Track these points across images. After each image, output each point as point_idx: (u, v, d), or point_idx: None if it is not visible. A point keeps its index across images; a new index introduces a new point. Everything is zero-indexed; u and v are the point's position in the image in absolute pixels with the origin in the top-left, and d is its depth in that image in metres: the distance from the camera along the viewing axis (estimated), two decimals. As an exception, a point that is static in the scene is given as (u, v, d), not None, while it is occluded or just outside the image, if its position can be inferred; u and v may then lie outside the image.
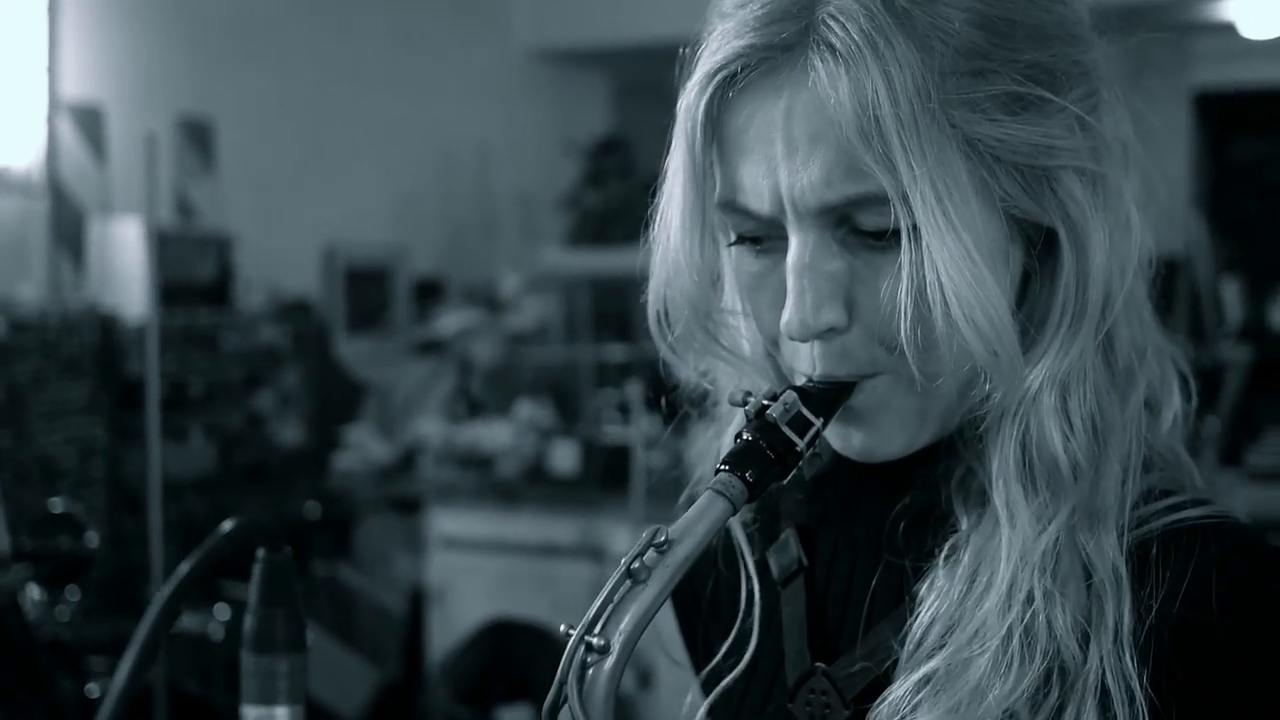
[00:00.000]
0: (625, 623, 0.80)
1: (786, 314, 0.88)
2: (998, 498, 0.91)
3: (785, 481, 0.91)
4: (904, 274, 0.85)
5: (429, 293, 6.23)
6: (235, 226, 5.14)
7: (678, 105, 0.94)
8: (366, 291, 6.02)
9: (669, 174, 0.94)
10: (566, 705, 0.81)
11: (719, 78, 0.88)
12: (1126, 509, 0.91)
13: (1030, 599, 0.88)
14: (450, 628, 4.78)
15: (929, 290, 0.85)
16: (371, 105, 6.08)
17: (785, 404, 0.88)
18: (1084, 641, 0.88)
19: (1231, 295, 5.65)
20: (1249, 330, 5.65)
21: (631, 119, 7.59)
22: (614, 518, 4.60)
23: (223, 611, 4.22)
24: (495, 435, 5.03)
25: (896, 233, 0.86)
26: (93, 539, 3.73)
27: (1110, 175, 0.91)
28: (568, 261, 4.67)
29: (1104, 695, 0.87)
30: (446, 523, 4.88)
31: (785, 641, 1.01)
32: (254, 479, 4.99)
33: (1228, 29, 6.44)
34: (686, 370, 1.07)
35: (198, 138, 5.26)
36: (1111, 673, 0.87)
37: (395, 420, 5.47)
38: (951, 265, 0.84)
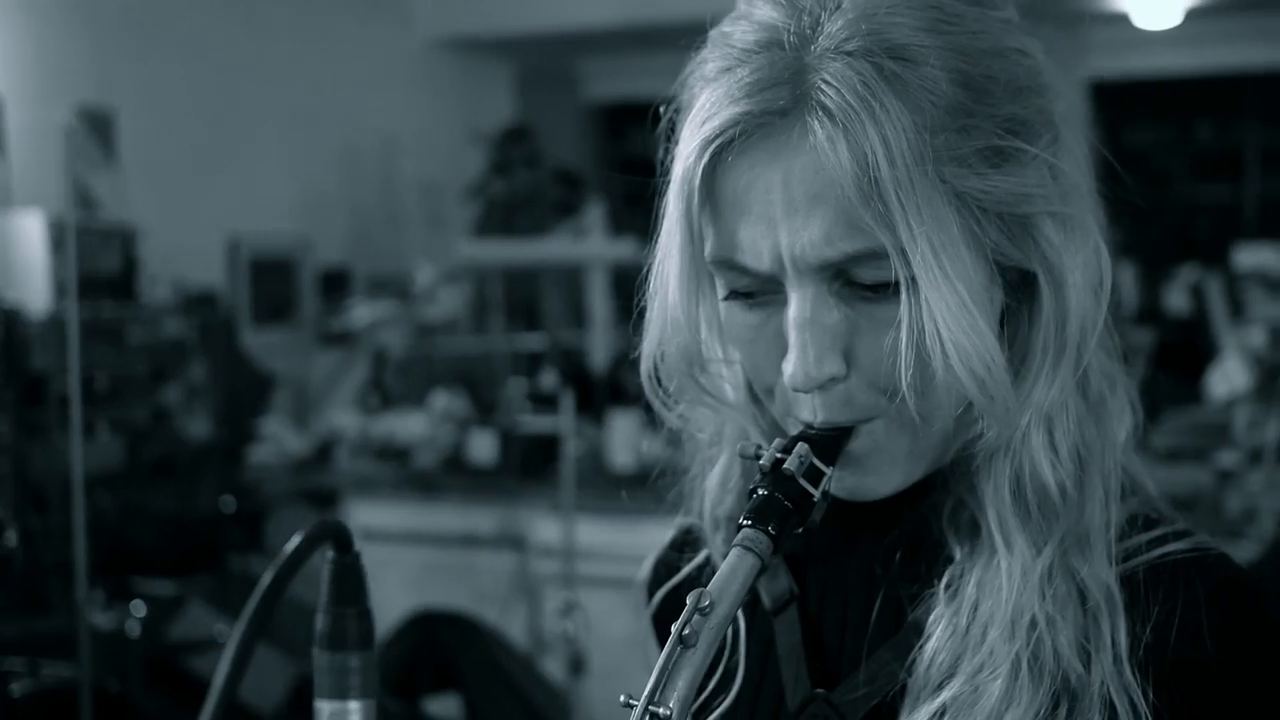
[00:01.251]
0: (681, 688, 0.84)
1: (790, 367, 0.92)
2: (994, 527, 0.96)
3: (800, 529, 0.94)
4: (904, 325, 0.89)
5: (335, 283, 6.20)
6: (138, 219, 5.07)
7: (671, 167, 0.96)
8: (272, 283, 5.97)
9: (664, 233, 0.97)
10: None
11: (716, 144, 0.91)
12: (1111, 531, 0.97)
13: (1034, 624, 0.93)
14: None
15: (928, 339, 0.89)
16: (275, 95, 6.02)
17: (799, 456, 0.91)
18: (1086, 661, 0.93)
19: (1127, 280, 5.79)
20: (1146, 314, 5.81)
21: (535, 107, 7.60)
22: (534, 507, 4.62)
23: (139, 608, 4.19)
24: (410, 426, 5.02)
25: (891, 284, 0.90)
26: (11, 538, 3.67)
27: (1079, 215, 0.96)
28: (485, 251, 4.66)
29: (1109, 712, 0.92)
30: (364, 514, 4.86)
31: (783, 669, 1.04)
32: (162, 474, 4.93)
33: (1121, 19, 6.60)
34: (671, 420, 1.09)
35: (98, 129, 5.18)
36: (1115, 689, 0.92)
37: (308, 412, 5.44)
38: (949, 315, 0.88)
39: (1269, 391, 3.76)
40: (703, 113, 0.92)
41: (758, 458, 0.93)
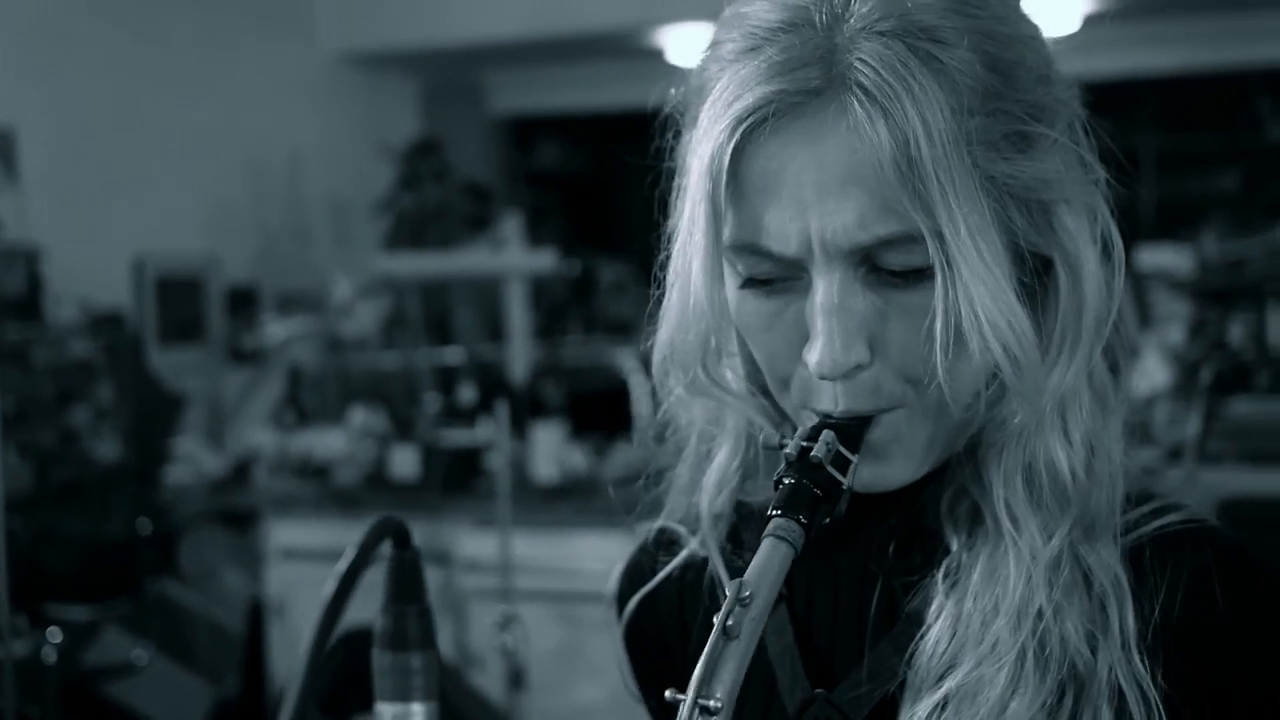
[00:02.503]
0: (728, 680, 0.83)
1: (817, 354, 0.90)
2: (1002, 515, 0.96)
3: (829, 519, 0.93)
4: (939, 308, 0.89)
5: (243, 301, 6.12)
6: (42, 238, 4.98)
7: (689, 152, 0.95)
8: (179, 302, 5.88)
9: (686, 218, 0.95)
10: None
11: (747, 124, 0.89)
12: (1117, 516, 0.97)
13: (1040, 614, 0.93)
14: (293, 641, 4.71)
15: (964, 321, 0.88)
16: (178, 111, 5.94)
17: (827, 443, 0.90)
18: (1093, 648, 0.93)
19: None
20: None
21: (441, 121, 7.56)
22: (458, 521, 4.60)
23: (55, 635, 4.11)
24: (329, 443, 4.97)
25: (918, 270, 0.90)
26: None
27: (1094, 204, 0.97)
28: (403, 265, 4.63)
29: (1117, 698, 0.93)
30: (285, 534, 4.80)
31: (777, 671, 1.03)
32: (72, 496, 4.84)
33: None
34: (682, 413, 1.08)
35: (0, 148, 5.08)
36: (1123, 675, 0.93)
37: (223, 431, 5.36)
38: (987, 296, 0.88)
39: (1188, 389, 3.83)
40: (729, 93, 0.91)
41: (781, 447, 0.92)
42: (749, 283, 0.94)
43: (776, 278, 0.93)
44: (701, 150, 0.91)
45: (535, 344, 5.01)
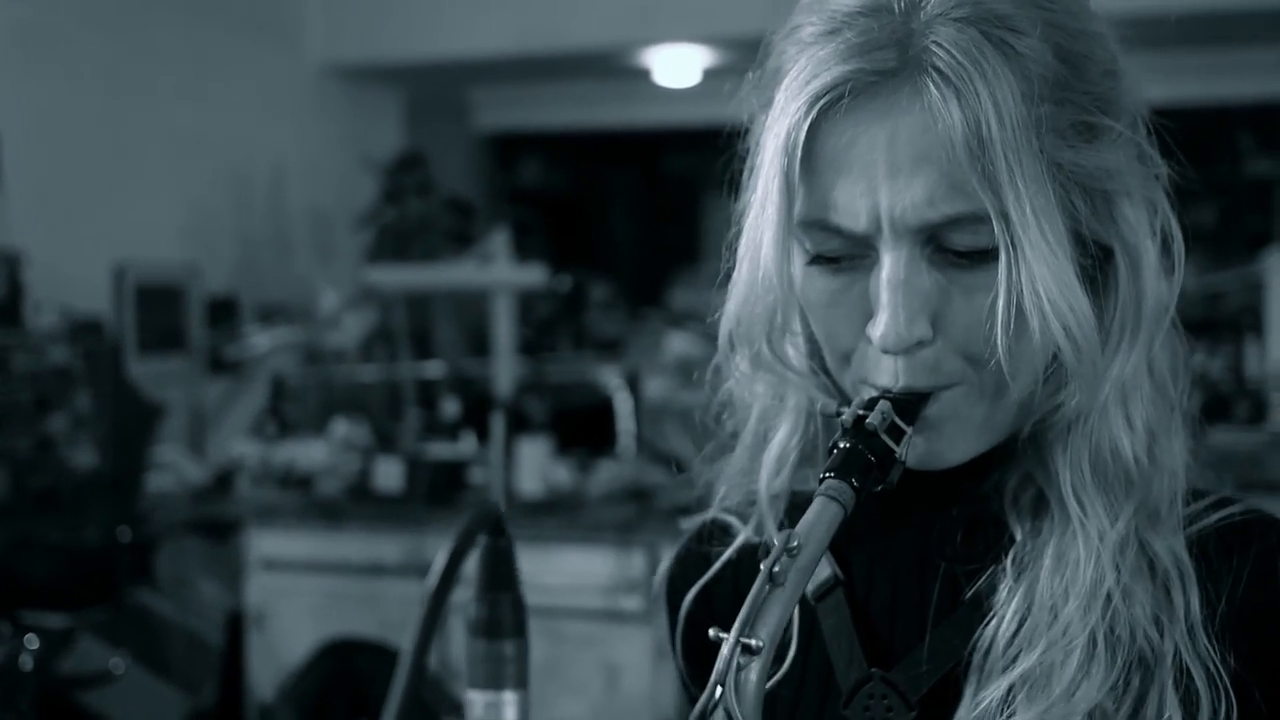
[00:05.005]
0: (771, 622, 0.85)
1: (881, 327, 0.92)
2: (1069, 500, 0.97)
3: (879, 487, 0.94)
4: (1002, 287, 0.91)
5: (223, 311, 6.09)
6: (24, 244, 4.95)
7: (764, 130, 0.97)
8: (159, 311, 5.85)
9: (759, 193, 0.97)
10: (721, 706, 0.84)
11: (824, 101, 0.92)
12: (1178, 502, 0.99)
13: (1109, 598, 0.95)
14: (272, 652, 4.68)
15: (1026, 301, 0.91)
16: (163, 120, 5.92)
17: (882, 413, 0.92)
18: (1160, 631, 0.95)
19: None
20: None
21: (425, 136, 7.55)
22: (441, 535, 4.57)
23: (32, 641, 4.07)
24: (311, 454, 4.95)
25: (983, 251, 0.92)
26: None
27: (1155, 198, 0.99)
28: (391, 277, 4.62)
29: (1185, 680, 0.94)
30: (266, 544, 4.77)
31: (832, 652, 1.04)
32: (48, 504, 4.80)
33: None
34: (745, 390, 1.10)
35: (-18, 152, 5.05)
36: (1190, 658, 0.95)
37: (204, 441, 5.33)
38: (1050, 277, 0.90)
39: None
40: (806, 72, 0.93)
41: (839, 415, 0.94)
42: (816, 260, 0.97)
43: (844, 255, 0.95)
44: (777, 128, 0.94)
45: (520, 359, 5.00)
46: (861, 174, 0.92)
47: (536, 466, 4.65)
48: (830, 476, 0.90)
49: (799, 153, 0.92)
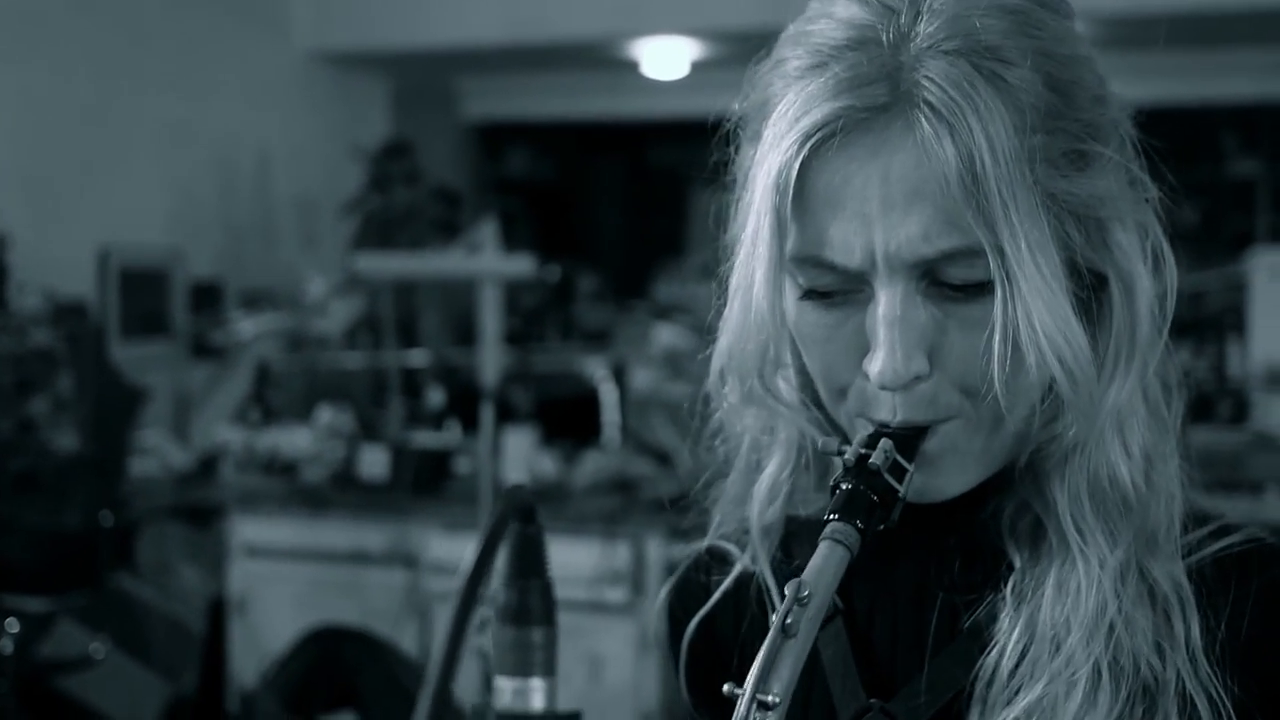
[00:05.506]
0: (785, 676, 0.84)
1: (879, 364, 0.91)
2: (1069, 529, 0.96)
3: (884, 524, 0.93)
4: (998, 322, 0.90)
5: (207, 297, 6.08)
6: (9, 226, 4.93)
7: (754, 164, 0.96)
8: (143, 295, 5.84)
9: (750, 229, 0.95)
10: None
11: (816, 139, 0.91)
12: (1176, 528, 0.98)
13: (1112, 627, 0.94)
14: (254, 639, 4.67)
15: (1022, 335, 0.89)
16: (149, 105, 5.90)
17: (885, 451, 0.92)
18: (1162, 659, 0.95)
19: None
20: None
21: (412, 124, 7.54)
22: (425, 524, 4.58)
23: (12, 625, 4.06)
24: (296, 441, 4.94)
25: (979, 284, 0.91)
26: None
27: (1147, 222, 0.98)
28: (380, 265, 4.61)
29: (1189, 709, 0.94)
30: (249, 530, 4.76)
31: (831, 683, 1.04)
32: (28, 486, 4.78)
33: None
34: (735, 422, 1.09)
35: (-32, 134, 5.03)
36: (1193, 685, 0.94)
37: (188, 426, 5.31)
38: (1045, 311, 0.89)
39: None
40: (796, 108, 0.92)
41: (840, 454, 0.93)
42: (809, 294, 0.96)
43: (838, 290, 0.94)
44: (768, 164, 0.92)
45: (506, 349, 5.00)
46: (855, 211, 0.91)
47: (521, 457, 4.64)
48: (835, 519, 0.90)
49: (791, 190, 0.91)
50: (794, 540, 1.10)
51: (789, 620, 0.85)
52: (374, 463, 4.70)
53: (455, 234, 5.86)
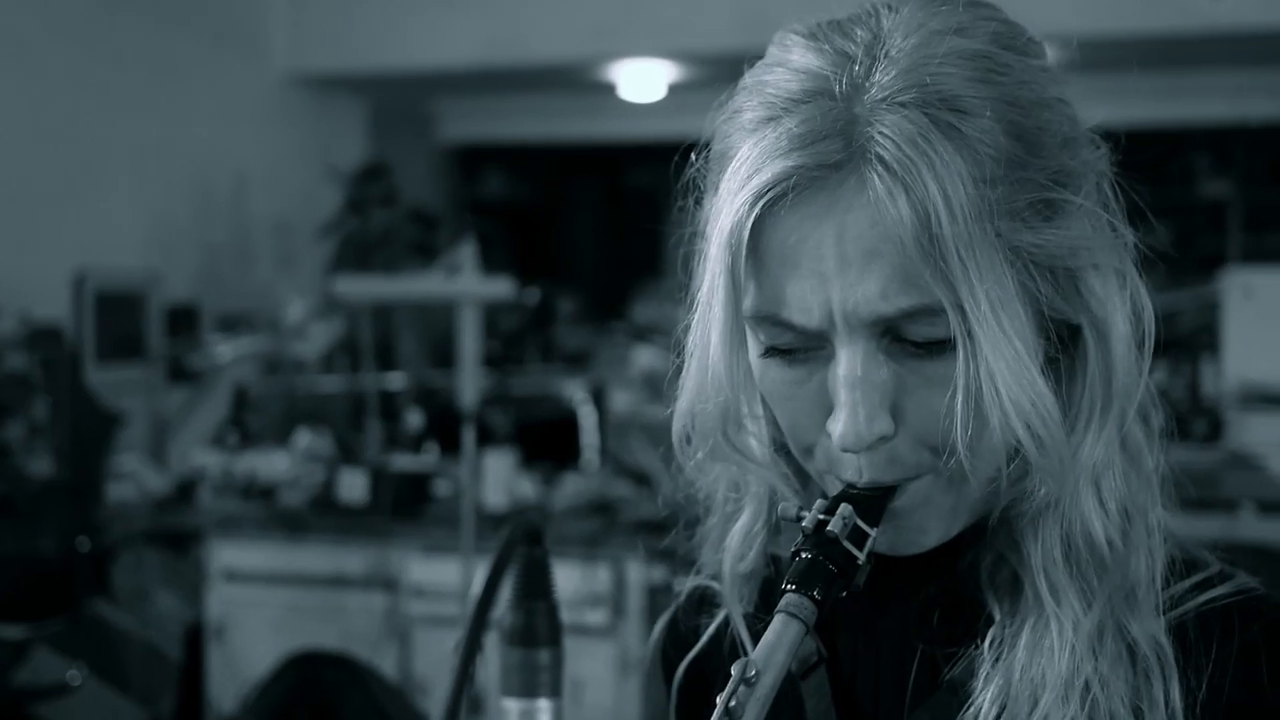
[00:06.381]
0: None
1: (841, 427, 0.89)
2: (1043, 587, 0.94)
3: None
4: (960, 382, 0.87)
5: (183, 320, 6.06)
6: (-18, 249, 4.92)
7: (709, 219, 0.95)
8: (119, 318, 5.81)
9: (705, 289, 0.94)
10: None
11: (766, 199, 0.88)
12: (1157, 582, 0.96)
13: (1088, 687, 0.92)
14: (233, 664, 4.65)
15: (985, 396, 0.87)
16: (126, 128, 5.89)
17: (843, 517, 0.89)
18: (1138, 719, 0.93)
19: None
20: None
21: (388, 146, 7.55)
22: (405, 547, 4.57)
23: (-11, 650, 4.03)
24: (274, 464, 4.92)
25: (940, 341, 0.88)
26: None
27: (1121, 266, 0.95)
28: (359, 288, 4.60)
29: None
30: (227, 555, 4.74)
31: None
32: (3, 513, 4.75)
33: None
34: (703, 478, 1.08)
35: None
36: None
37: (165, 450, 5.29)
38: (1008, 372, 0.86)
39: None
40: (748, 165, 0.89)
41: (799, 520, 0.91)
42: (771, 351, 0.93)
43: (798, 348, 0.92)
44: (721, 222, 0.90)
45: (484, 372, 4.99)
46: (811, 270, 0.88)
47: (501, 479, 4.64)
48: (791, 590, 0.87)
49: (744, 250, 0.89)
50: (779, 581, 1.10)
51: (732, 703, 0.82)
52: (353, 486, 4.69)
53: (432, 256, 5.86)
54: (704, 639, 1.13)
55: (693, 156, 1.00)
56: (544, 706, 0.86)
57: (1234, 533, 4.16)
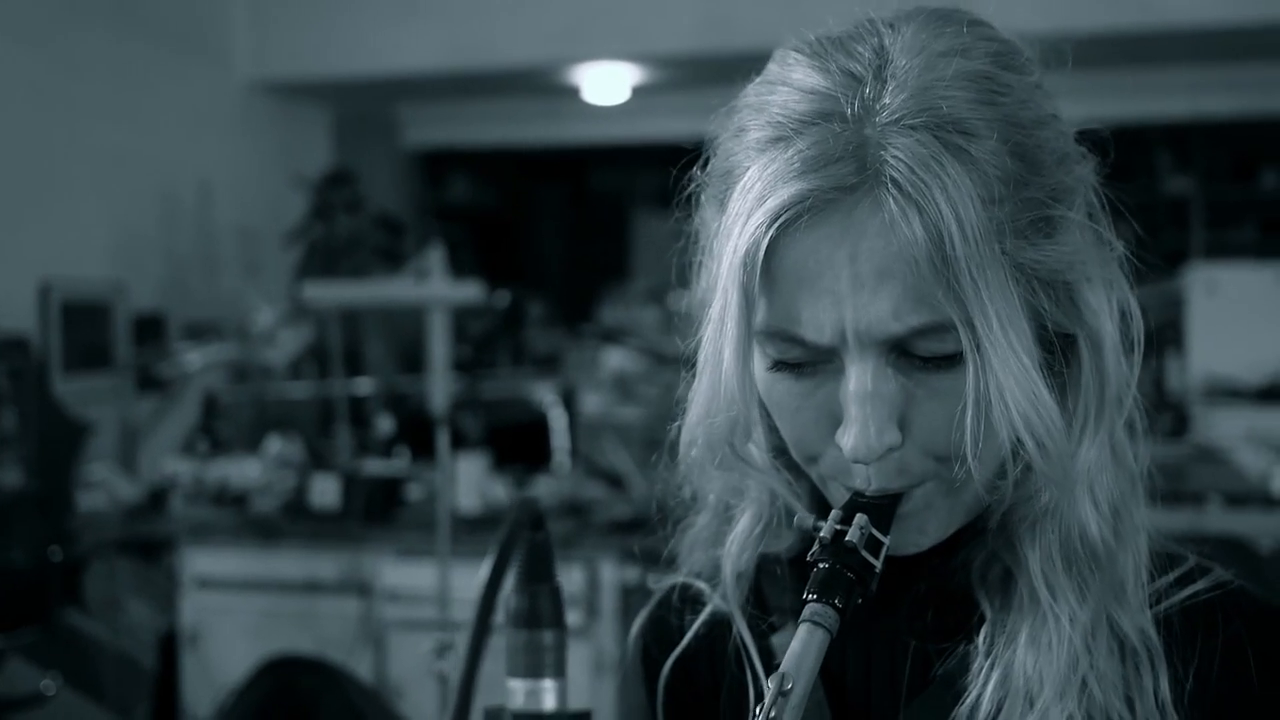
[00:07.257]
0: None
1: (852, 440, 0.92)
2: (1040, 587, 0.97)
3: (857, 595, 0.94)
4: (970, 395, 0.90)
5: (150, 329, 6.04)
6: (-54, 261, 4.90)
7: (717, 236, 0.97)
8: (85, 328, 5.79)
9: (717, 308, 0.95)
10: None
11: (783, 219, 0.90)
12: (1143, 576, 1.00)
13: (1084, 683, 0.95)
14: (207, 672, 4.64)
15: (994, 409, 0.90)
16: (89, 137, 5.87)
17: (860, 528, 0.92)
18: (1132, 713, 0.96)
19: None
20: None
21: (354, 153, 7.54)
22: (378, 552, 4.57)
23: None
24: (245, 471, 4.92)
25: (949, 356, 0.91)
26: None
27: (1113, 276, 0.98)
28: (328, 293, 4.60)
29: None
30: (200, 562, 4.73)
31: None
32: (-28, 525, 4.74)
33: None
34: (704, 483, 1.10)
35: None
36: None
37: (136, 459, 5.27)
38: (1016, 386, 0.89)
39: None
40: (761, 185, 0.91)
41: (816, 530, 0.94)
42: (779, 365, 0.96)
43: (807, 361, 0.95)
44: (734, 242, 0.92)
45: (454, 376, 5.00)
46: (825, 289, 0.90)
47: (473, 483, 4.65)
48: (814, 600, 0.90)
49: (758, 270, 0.91)
50: (766, 580, 1.11)
51: (774, 714, 0.85)
52: (325, 492, 4.69)
53: (398, 262, 5.87)
54: (688, 637, 1.14)
55: (695, 171, 1.02)
56: (549, 686, 0.88)
57: (1202, 525, 4.20)
